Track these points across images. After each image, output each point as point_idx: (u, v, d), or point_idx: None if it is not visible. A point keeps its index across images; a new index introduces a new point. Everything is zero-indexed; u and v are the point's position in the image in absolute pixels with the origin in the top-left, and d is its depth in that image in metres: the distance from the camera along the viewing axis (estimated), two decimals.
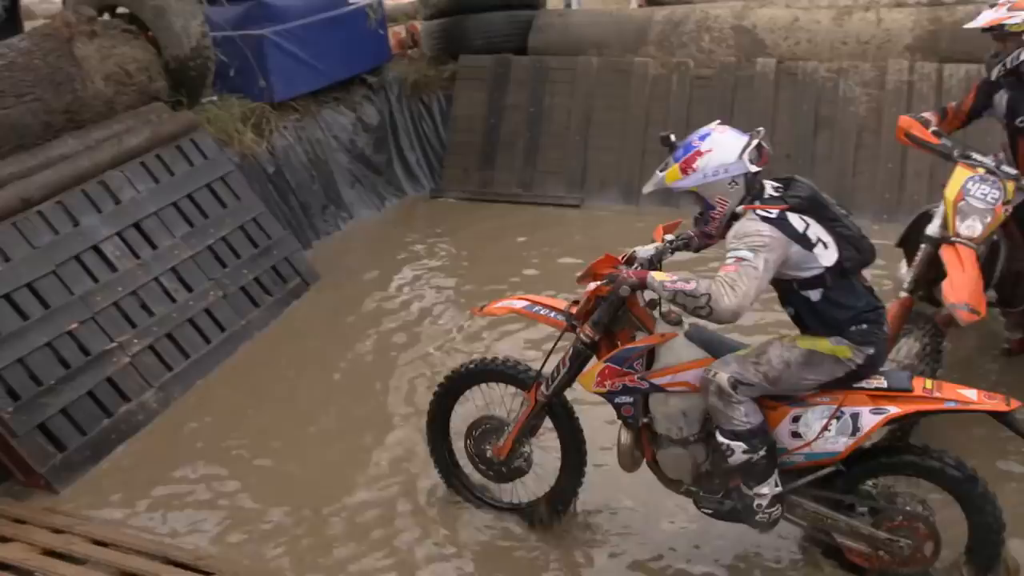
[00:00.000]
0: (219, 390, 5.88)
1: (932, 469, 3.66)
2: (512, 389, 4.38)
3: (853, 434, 3.61)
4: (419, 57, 9.83)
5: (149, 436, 5.47)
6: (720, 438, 3.71)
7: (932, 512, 3.74)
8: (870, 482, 3.82)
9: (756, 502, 3.77)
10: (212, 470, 5.10)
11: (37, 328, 5.38)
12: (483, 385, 4.47)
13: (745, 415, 3.64)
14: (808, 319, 3.65)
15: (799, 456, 3.73)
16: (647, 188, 3.77)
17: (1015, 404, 3.51)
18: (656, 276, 3.65)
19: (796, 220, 3.50)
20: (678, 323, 3.90)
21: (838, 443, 3.64)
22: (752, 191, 3.59)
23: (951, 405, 3.57)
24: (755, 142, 3.57)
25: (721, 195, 3.58)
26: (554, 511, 4.39)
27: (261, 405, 5.69)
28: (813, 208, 3.55)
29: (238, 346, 6.30)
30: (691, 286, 3.46)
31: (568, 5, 10.27)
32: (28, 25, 8.54)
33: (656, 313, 3.92)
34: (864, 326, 3.57)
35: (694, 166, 3.55)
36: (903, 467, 3.75)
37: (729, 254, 3.48)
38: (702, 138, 3.60)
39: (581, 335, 3.94)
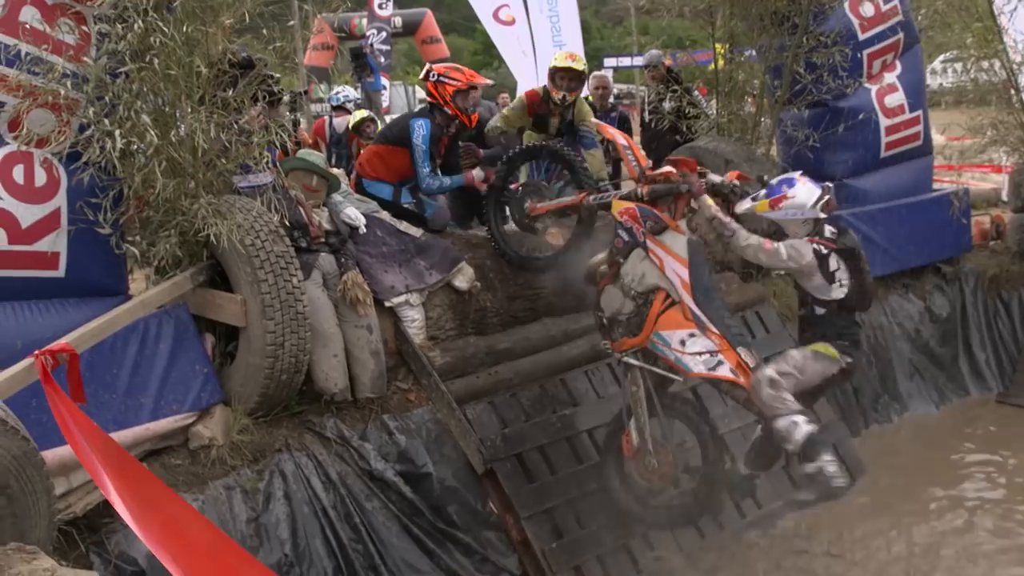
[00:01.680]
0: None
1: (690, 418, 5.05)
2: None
3: (709, 370, 4.71)
4: (1002, 250, 9.13)
5: None
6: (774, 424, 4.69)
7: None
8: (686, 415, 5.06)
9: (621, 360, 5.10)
10: None
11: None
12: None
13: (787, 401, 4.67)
14: (808, 323, 4.95)
15: (672, 354, 4.79)
16: (739, 208, 5.00)
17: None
18: (707, 200, 4.85)
19: (834, 261, 4.79)
20: (692, 231, 4.92)
21: (697, 367, 4.72)
22: (815, 229, 4.82)
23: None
24: (827, 197, 4.80)
25: (794, 228, 4.87)
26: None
27: None
28: (851, 258, 4.81)
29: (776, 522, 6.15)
30: (726, 220, 4.81)
31: None
32: None
33: (687, 216, 4.96)
34: (845, 343, 4.84)
35: (780, 205, 4.83)
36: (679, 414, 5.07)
37: (778, 244, 4.77)
38: (789, 185, 4.85)
39: (641, 191, 4.99)
